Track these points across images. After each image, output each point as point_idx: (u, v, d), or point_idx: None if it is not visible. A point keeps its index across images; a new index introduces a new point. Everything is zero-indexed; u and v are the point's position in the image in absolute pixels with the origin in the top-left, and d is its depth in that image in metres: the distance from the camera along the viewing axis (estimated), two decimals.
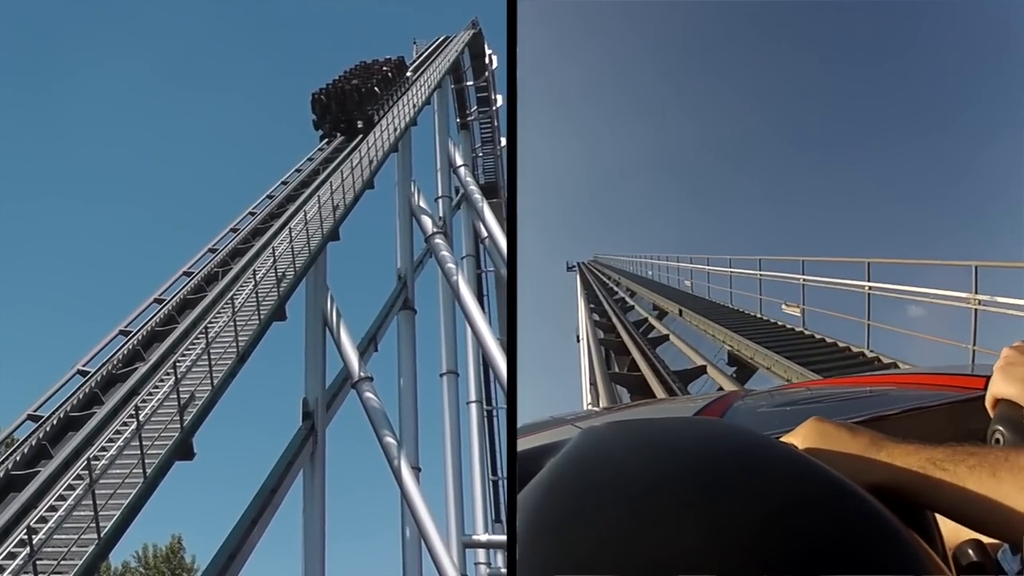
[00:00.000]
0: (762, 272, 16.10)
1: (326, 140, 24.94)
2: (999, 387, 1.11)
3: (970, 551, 0.92)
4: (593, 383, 15.63)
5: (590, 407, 13.40)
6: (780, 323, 15.07)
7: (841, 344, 12.51)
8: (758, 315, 16.15)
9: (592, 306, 25.69)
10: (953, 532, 0.93)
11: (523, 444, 1.84)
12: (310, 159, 23.72)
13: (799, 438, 1.00)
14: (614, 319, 23.23)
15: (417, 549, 20.15)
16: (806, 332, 13.92)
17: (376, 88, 25.97)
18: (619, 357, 19.03)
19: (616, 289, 29.31)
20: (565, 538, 0.56)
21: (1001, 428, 1.07)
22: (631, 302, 25.16)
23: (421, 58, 31.17)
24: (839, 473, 0.64)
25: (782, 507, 0.57)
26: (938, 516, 0.93)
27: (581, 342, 20.77)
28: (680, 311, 16.48)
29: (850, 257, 12.82)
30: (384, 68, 27.69)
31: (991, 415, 1.11)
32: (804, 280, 13.81)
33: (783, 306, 12.50)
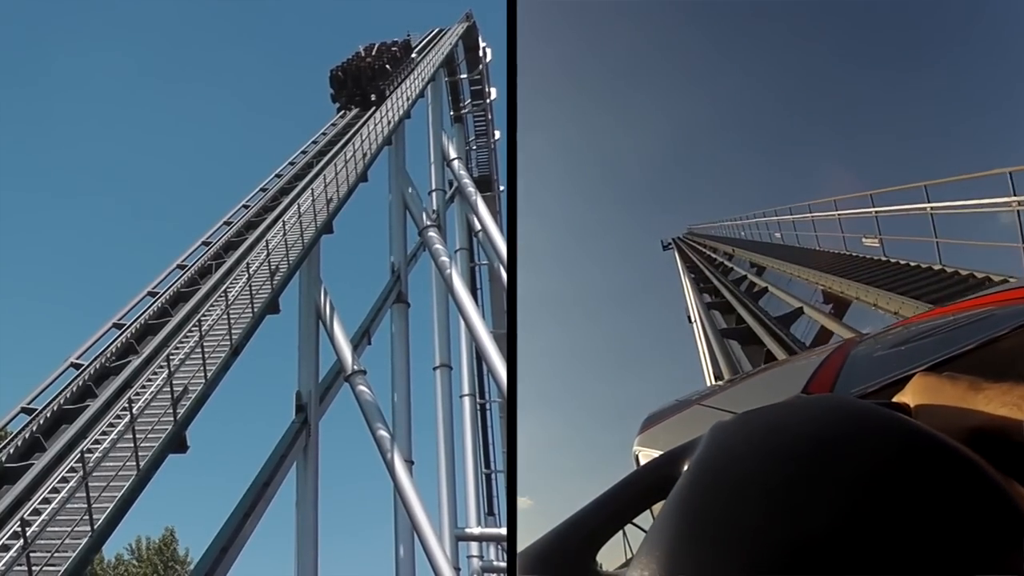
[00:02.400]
0: (876, 208, 14.74)
1: (342, 113, 26.77)
2: None
3: None
4: (714, 361, 15.40)
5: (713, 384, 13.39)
6: (886, 258, 14.40)
7: (948, 269, 11.74)
8: (883, 257, 14.94)
9: (694, 276, 25.41)
10: None
11: (653, 436, 1.78)
12: (333, 124, 25.58)
13: (909, 396, 1.03)
14: (715, 282, 23.16)
15: (410, 542, 20.23)
16: (910, 263, 13.04)
17: (387, 66, 27.81)
18: (726, 315, 19.39)
19: (730, 264, 26.62)
20: (716, 544, 0.62)
21: None
22: (760, 282, 21.12)
23: (415, 50, 31.17)
24: (944, 434, 0.68)
25: (891, 487, 0.62)
26: None
27: (694, 323, 20.06)
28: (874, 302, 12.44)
29: (988, 171, 10.93)
30: (393, 48, 29.37)
31: None
32: (932, 209, 12.01)
33: None
